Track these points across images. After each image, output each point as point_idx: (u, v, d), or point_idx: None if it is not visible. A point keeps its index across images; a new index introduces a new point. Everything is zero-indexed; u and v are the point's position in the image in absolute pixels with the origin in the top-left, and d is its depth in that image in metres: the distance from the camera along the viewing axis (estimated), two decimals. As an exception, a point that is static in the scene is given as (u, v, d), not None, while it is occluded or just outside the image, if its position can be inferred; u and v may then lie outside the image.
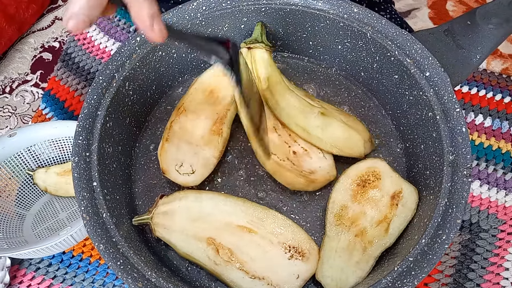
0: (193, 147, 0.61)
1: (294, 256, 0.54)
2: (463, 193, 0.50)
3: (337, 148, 0.59)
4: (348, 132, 0.59)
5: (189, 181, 0.60)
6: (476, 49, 0.56)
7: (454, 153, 0.52)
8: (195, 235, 0.55)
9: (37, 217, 0.74)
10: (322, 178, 0.59)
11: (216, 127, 0.63)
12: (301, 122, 0.60)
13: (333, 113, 0.61)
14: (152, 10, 0.41)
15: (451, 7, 0.94)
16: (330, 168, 0.60)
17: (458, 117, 0.53)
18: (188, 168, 0.60)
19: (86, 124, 0.54)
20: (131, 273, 0.48)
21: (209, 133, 0.62)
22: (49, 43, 0.95)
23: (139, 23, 0.41)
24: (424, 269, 0.46)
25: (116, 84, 0.57)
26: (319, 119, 0.60)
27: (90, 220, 0.50)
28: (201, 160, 0.61)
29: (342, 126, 0.59)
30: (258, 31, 0.65)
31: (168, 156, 0.60)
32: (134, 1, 0.40)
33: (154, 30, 0.41)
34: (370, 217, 0.55)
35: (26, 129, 0.73)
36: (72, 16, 0.39)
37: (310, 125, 0.60)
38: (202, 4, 0.63)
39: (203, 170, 0.60)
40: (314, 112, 0.60)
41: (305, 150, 0.60)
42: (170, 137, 0.62)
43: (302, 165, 0.60)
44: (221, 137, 0.62)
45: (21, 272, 0.70)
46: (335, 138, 0.59)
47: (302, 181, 0.58)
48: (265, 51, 0.64)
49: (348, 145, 0.59)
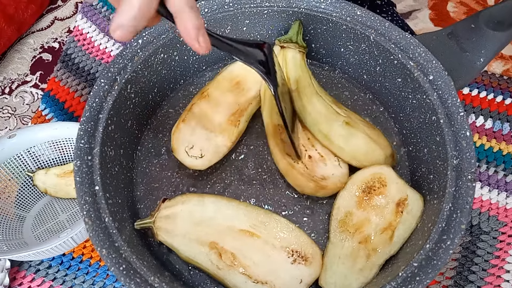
0: (208, 132, 0.61)
1: (297, 261, 0.53)
2: (467, 198, 0.49)
3: (356, 160, 0.59)
4: (370, 146, 0.59)
5: (196, 164, 0.60)
6: (479, 53, 0.56)
7: (458, 158, 0.52)
8: (197, 239, 0.54)
9: (37, 219, 0.74)
10: (333, 185, 0.58)
11: (234, 117, 0.63)
12: (324, 129, 0.60)
13: (358, 124, 0.60)
14: (198, 22, 0.41)
15: (452, 8, 0.94)
16: (343, 177, 0.59)
17: (462, 121, 0.53)
18: (197, 152, 0.60)
19: (88, 127, 0.54)
20: (134, 278, 0.47)
21: (226, 122, 0.63)
22: (49, 43, 0.95)
23: (184, 35, 0.42)
24: (429, 275, 0.46)
25: (118, 87, 0.57)
26: (343, 129, 0.59)
27: (93, 224, 0.49)
28: (212, 147, 0.61)
29: (366, 138, 0.59)
30: (294, 30, 0.64)
31: (181, 136, 0.61)
32: (180, 12, 0.41)
33: (199, 42, 0.42)
34: (374, 224, 0.55)
35: (25, 130, 0.72)
36: (119, 27, 0.39)
37: (333, 133, 0.59)
38: (205, 6, 0.63)
39: (212, 156, 0.61)
40: (339, 121, 0.59)
41: (321, 156, 0.60)
42: (188, 118, 0.62)
43: (316, 170, 0.59)
44: (237, 128, 0.63)
45: (21, 274, 0.70)
46: (357, 150, 0.59)
47: (312, 185, 0.58)
48: (298, 52, 0.64)
49: (368, 158, 0.59)
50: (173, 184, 0.62)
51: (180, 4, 0.40)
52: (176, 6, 0.41)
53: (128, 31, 0.39)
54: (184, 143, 0.61)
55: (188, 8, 0.40)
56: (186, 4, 0.40)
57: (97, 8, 0.97)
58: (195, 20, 0.41)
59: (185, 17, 0.41)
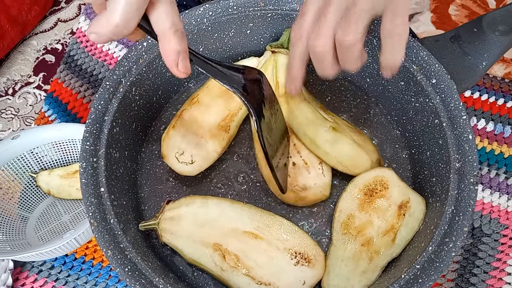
0: (198, 138, 0.61)
1: (300, 262, 0.54)
2: (470, 201, 0.50)
3: (342, 165, 0.59)
4: (356, 151, 0.59)
5: (185, 171, 0.60)
6: (482, 56, 0.56)
7: (461, 161, 0.52)
8: (201, 241, 0.55)
9: (40, 219, 0.74)
10: (313, 196, 0.58)
11: (224, 123, 0.63)
12: (311, 133, 0.60)
13: (345, 129, 0.61)
14: (180, 47, 0.41)
15: (454, 11, 0.95)
16: (324, 187, 0.59)
17: (465, 124, 0.53)
18: (188, 158, 0.60)
19: (93, 129, 0.54)
20: (139, 279, 0.48)
21: (217, 128, 0.63)
22: (52, 45, 0.95)
23: (164, 57, 0.42)
24: (431, 277, 0.47)
25: (123, 89, 0.57)
26: (329, 134, 0.59)
27: (98, 226, 0.49)
28: (202, 153, 0.61)
29: (351, 144, 0.59)
30: (285, 37, 0.65)
31: (171, 143, 0.61)
32: (163, 35, 0.40)
33: (178, 67, 0.42)
34: (377, 227, 0.55)
35: (29, 131, 0.73)
36: (95, 33, 0.39)
37: (319, 138, 0.59)
38: (209, 10, 0.63)
39: (202, 162, 0.61)
40: (326, 126, 0.59)
41: (305, 164, 0.60)
42: (178, 125, 0.62)
43: (298, 179, 0.59)
44: (227, 133, 0.63)
45: (24, 275, 0.71)
46: (343, 155, 0.59)
47: (292, 196, 0.58)
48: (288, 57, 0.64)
49: (354, 163, 0.59)
50: (177, 186, 0.62)
51: (164, 26, 0.40)
52: (160, 27, 0.40)
53: (103, 39, 0.39)
54: (175, 149, 0.61)
55: (172, 32, 0.40)
56: (170, 28, 0.40)
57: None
58: (176, 44, 0.41)
59: (167, 40, 0.40)
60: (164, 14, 0.40)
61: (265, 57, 0.66)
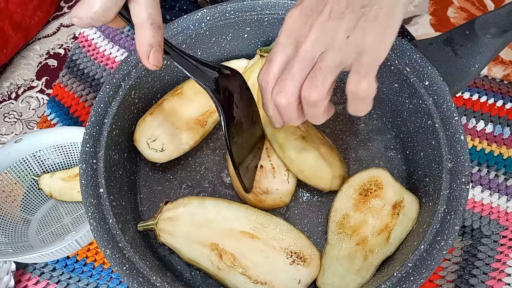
0: (173, 129, 0.63)
1: (296, 262, 0.54)
2: (461, 200, 0.50)
3: (303, 174, 0.59)
4: (319, 163, 0.59)
5: (154, 157, 0.62)
6: (474, 59, 0.57)
7: (453, 161, 0.53)
8: (198, 241, 0.55)
9: (42, 222, 0.75)
10: (272, 201, 0.59)
11: (202, 117, 0.64)
12: (280, 139, 0.60)
13: (314, 140, 0.61)
14: (154, 40, 0.42)
15: (452, 14, 0.95)
16: (285, 194, 0.60)
17: (457, 125, 0.54)
18: (159, 145, 0.62)
19: (93, 132, 0.55)
20: (136, 278, 0.48)
21: (194, 121, 0.64)
22: (54, 49, 0.96)
23: (137, 47, 0.43)
24: (423, 275, 0.47)
25: (122, 92, 0.59)
26: (297, 142, 0.60)
27: (97, 226, 0.50)
28: (174, 143, 0.62)
29: (316, 155, 0.59)
30: None
31: (145, 129, 0.62)
32: (139, 26, 0.42)
33: (148, 59, 0.43)
34: (371, 226, 0.56)
35: (31, 135, 0.73)
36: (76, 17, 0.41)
37: (287, 145, 0.60)
38: (207, 14, 0.64)
39: (172, 152, 0.62)
40: (296, 134, 0.60)
41: (272, 168, 0.60)
42: (156, 112, 0.63)
43: (262, 181, 0.60)
44: (203, 128, 0.64)
45: (26, 277, 0.71)
46: (305, 164, 0.59)
47: (251, 197, 0.59)
48: None
49: (315, 174, 0.59)
50: (175, 187, 0.63)
51: (142, 18, 0.41)
52: (137, 18, 0.41)
53: (83, 23, 0.41)
54: (147, 135, 0.62)
55: (148, 24, 0.41)
56: (147, 20, 0.41)
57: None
58: (150, 37, 0.41)
59: (142, 32, 0.41)
60: (143, 6, 0.41)
61: (254, 60, 0.66)
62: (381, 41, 0.41)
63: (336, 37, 0.42)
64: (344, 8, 0.41)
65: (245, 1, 0.64)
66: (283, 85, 0.45)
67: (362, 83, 0.42)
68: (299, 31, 0.44)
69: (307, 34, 0.43)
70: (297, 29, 0.44)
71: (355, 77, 0.42)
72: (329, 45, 0.42)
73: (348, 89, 0.43)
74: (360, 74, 0.42)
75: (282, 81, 0.45)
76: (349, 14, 0.41)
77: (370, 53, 0.41)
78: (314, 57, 0.43)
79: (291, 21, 0.44)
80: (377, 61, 0.42)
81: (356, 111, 0.46)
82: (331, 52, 0.42)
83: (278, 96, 0.45)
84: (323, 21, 0.42)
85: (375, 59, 0.42)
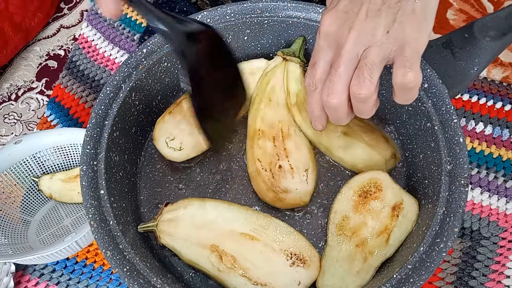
0: (192, 128, 0.62)
1: (296, 263, 0.54)
2: (460, 202, 0.51)
3: (357, 168, 0.61)
4: (369, 153, 0.60)
5: (172, 156, 0.62)
6: (473, 61, 0.57)
7: (452, 163, 0.53)
8: (199, 242, 0.56)
9: (42, 223, 0.75)
10: (292, 200, 0.59)
11: None
12: (324, 141, 0.62)
13: (356, 132, 0.62)
14: None
15: (452, 15, 0.95)
16: (304, 194, 0.60)
17: (456, 127, 0.54)
18: (177, 144, 0.62)
19: (93, 133, 0.56)
20: (137, 279, 0.49)
21: None
22: (54, 51, 0.96)
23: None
24: (422, 277, 0.47)
25: (123, 94, 0.59)
26: (341, 140, 0.61)
27: (98, 227, 0.51)
28: (192, 142, 0.62)
29: (363, 147, 0.60)
30: (298, 45, 0.66)
31: (164, 127, 0.63)
32: None
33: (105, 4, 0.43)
34: (371, 228, 0.56)
35: (31, 136, 0.74)
36: None
37: (332, 145, 0.61)
38: (207, 17, 0.64)
39: (190, 151, 0.62)
40: (337, 132, 0.61)
41: (291, 168, 0.60)
42: (175, 111, 0.64)
43: (281, 181, 0.60)
44: None
45: (25, 278, 0.71)
46: (356, 158, 0.61)
47: (271, 195, 0.59)
48: (299, 66, 0.64)
49: (369, 164, 0.60)
50: (176, 188, 0.63)
51: None
52: None
53: None
54: (166, 134, 0.62)
55: None
56: None
57: (102, 16, 0.99)
58: None
59: None
60: None
61: (275, 62, 0.66)
62: (420, 32, 0.43)
63: (376, 34, 0.44)
64: (380, 5, 0.43)
65: (245, 3, 0.65)
66: (332, 86, 0.46)
67: (409, 75, 0.44)
68: (337, 33, 0.46)
69: (347, 36, 0.45)
70: (334, 32, 0.46)
71: (401, 70, 0.44)
72: (370, 43, 0.44)
73: (395, 82, 0.45)
74: (405, 67, 0.43)
75: (331, 82, 0.46)
76: (385, 10, 0.43)
77: (412, 45, 0.43)
78: (358, 55, 0.45)
79: (327, 24, 0.46)
80: (419, 52, 0.44)
81: (404, 101, 0.48)
82: (373, 48, 0.44)
83: (330, 96, 0.47)
84: (362, 21, 0.44)
85: (417, 50, 0.44)
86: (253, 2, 0.65)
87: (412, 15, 0.43)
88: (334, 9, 0.46)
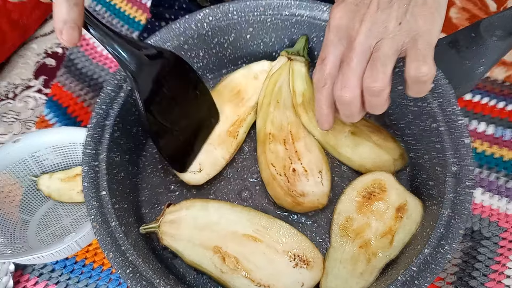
0: (206, 145, 0.61)
1: (299, 265, 0.54)
2: (465, 204, 0.50)
3: (365, 168, 0.60)
4: (377, 153, 0.60)
5: (194, 180, 0.61)
6: (480, 61, 0.57)
7: (458, 165, 0.52)
8: (201, 244, 0.55)
9: (41, 222, 0.75)
10: (310, 203, 0.58)
11: (233, 128, 0.63)
12: (332, 141, 0.61)
13: (364, 132, 0.61)
14: (68, 17, 0.41)
15: (455, 14, 0.95)
16: (322, 196, 0.59)
17: (462, 128, 0.54)
18: (196, 166, 0.60)
19: (95, 134, 0.55)
20: (140, 281, 0.48)
21: (225, 134, 0.63)
22: (52, 49, 0.95)
23: (54, 23, 0.42)
24: (427, 278, 0.47)
25: (124, 94, 0.58)
26: (349, 139, 0.61)
27: (100, 228, 0.50)
28: (210, 160, 0.61)
29: (371, 147, 0.60)
30: (301, 44, 0.65)
31: None
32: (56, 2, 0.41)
33: (62, 35, 0.42)
34: (374, 229, 0.55)
35: (30, 135, 0.73)
36: None
37: (340, 145, 0.61)
38: (209, 15, 0.63)
39: (210, 170, 0.61)
40: (345, 131, 0.61)
41: (305, 171, 0.60)
42: None
43: (296, 184, 0.59)
44: (236, 140, 0.63)
45: (25, 278, 0.71)
46: (364, 158, 0.60)
47: (289, 200, 0.58)
48: (304, 66, 0.64)
49: (377, 164, 0.60)
50: (178, 189, 0.63)
51: None
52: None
53: None
54: None
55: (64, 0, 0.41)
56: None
57: (100, 14, 0.98)
58: (64, 14, 0.41)
59: (57, 7, 0.41)
60: None
61: (279, 62, 0.66)
62: (432, 23, 0.43)
63: (389, 26, 0.43)
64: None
65: (248, 1, 0.64)
66: (346, 79, 0.46)
67: (422, 68, 0.43)
68: (348, 26, 0.45)
69: (358, 29, 0.44)
70: (345, 25, 0.45)
71: (415, 64, 0.43)
72: (383, 35, 0.43)
73: (408, 75, 0.44)
74: (419, 60, 0.43)
75: (344, 76, 0.46)
76: (397, 2, 0.43)
77: (424, 36, 0.43)
78: (370, 48, 0.44)
79: (337, 18, 0.46)
80: (432, 44, 0.43)
81: (418, 94, 0.47)
82: (386, 40, 0.43)
83: (343, 91, 0.46)
84: (373, 13, 0.43)
85: (430, 42, 0.43)
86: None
87: (424, 7, 0.43)
88: (344, 2, 0.46)
